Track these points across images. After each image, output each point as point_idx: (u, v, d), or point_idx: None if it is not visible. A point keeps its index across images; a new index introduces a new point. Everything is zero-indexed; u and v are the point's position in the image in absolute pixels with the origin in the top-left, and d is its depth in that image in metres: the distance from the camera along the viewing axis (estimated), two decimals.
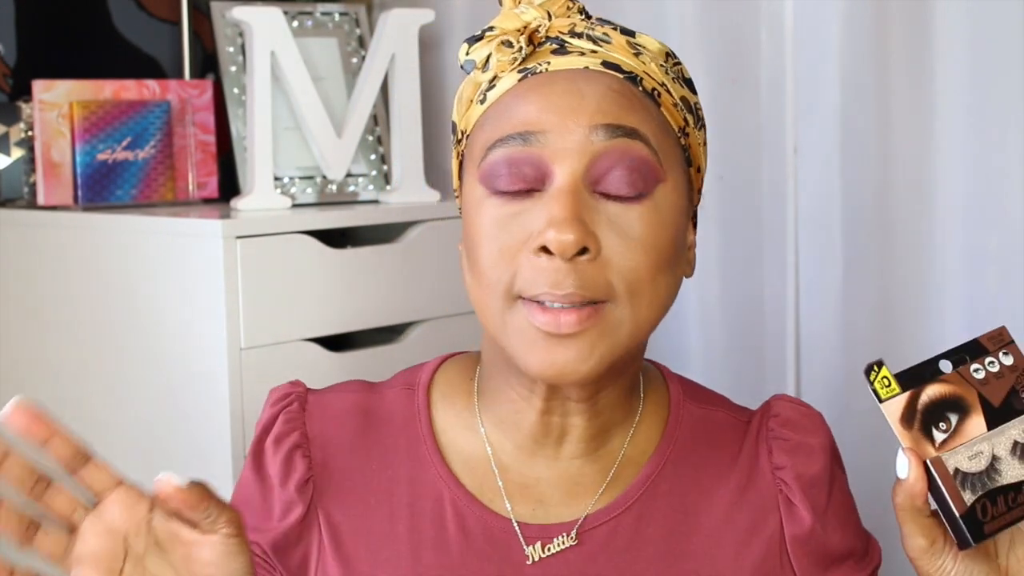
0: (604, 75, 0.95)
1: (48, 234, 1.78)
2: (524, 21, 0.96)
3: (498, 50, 0.95)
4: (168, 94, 1.88)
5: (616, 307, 0.93)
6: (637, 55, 0.97)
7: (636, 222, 0.93)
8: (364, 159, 1.95)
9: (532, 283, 0.91)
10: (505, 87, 0.96)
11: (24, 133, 1.85)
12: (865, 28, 1.78)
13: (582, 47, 0.96)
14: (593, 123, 0.92)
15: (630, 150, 0.92)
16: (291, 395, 1.08)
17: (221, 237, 1.56)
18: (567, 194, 0.91)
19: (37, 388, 1.81)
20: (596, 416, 1.01)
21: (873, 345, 1.84)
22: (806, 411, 1.09)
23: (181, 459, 1.64)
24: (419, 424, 1.05)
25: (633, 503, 1.01)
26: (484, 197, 0.95)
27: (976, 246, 1.74)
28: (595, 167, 0.92)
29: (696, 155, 1.01)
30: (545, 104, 0.93)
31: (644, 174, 0.93)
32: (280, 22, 1.77)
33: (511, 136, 0.93)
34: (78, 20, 2.04)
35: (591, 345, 0.92)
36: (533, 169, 0.92)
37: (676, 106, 0.98)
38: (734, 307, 1.95)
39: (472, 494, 1.02)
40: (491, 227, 0.94)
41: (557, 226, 0.90)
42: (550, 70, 0.95)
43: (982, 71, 1.70)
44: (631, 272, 0.92)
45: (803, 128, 1.86)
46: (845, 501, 1.08)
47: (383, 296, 1.74)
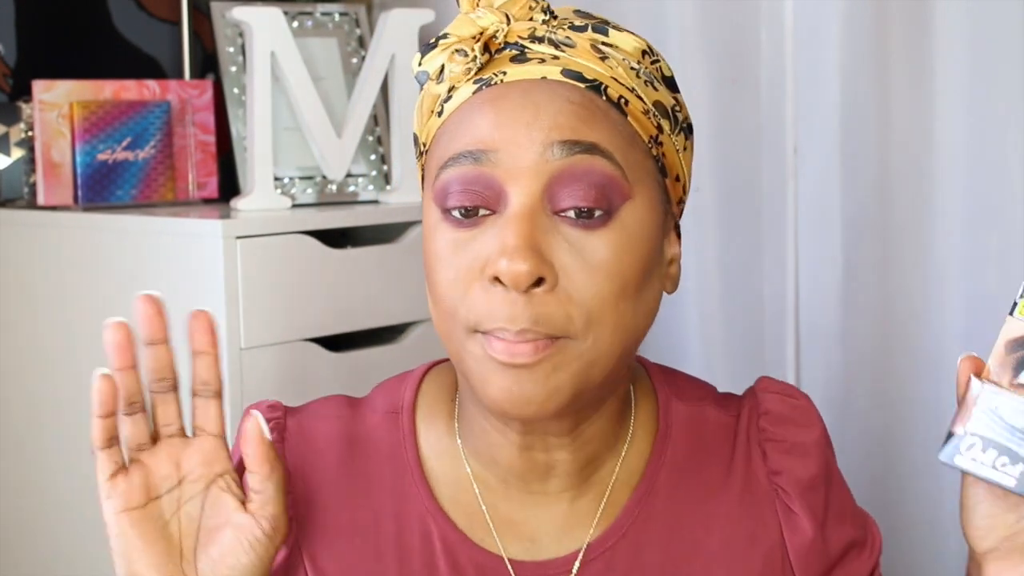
0: (563, 85, 0.87)
1: (48, 234, 1.78)
2: (480, 27, 0.88)
3: (451, 60, 0.88)
4: (168, 94, 1.88)
5: (574, 341, 0.86)
6: (603, 59, 0.89)
7: (600, 247, 0.85)
8: (364, 159, 1.95)
9: (487, 317, 0.85)
10: (461, 99, 0.89)
11: (24, 133, 1.85)
12: (865, 28, 1.78)
13: (542, 53, 0.89)
14: (549, 140, 0.84)
15: (591, 167, 0.85)
16: (270, 422, 0.99)
17: (221, 237, 1.56)
18: (521, 219, 0.84)
19: (37, 387, 1.81)
20: (581, 448, 0.94)
21: (873, 345, 1.84)
22: (795, 403, 1.02)
23: None
24: (404, 453, 0.98)
25: (628, 529, 0.96)
26: (439, 220, 0.88)
27: (976, 246, 1.74)
28: (552, 187, 0.85)
29: (672, 164, 0.92)
30: (498, 120, 0.85)
31: (607, 192, 0.85)
32: (280, 22, 1.77)
33: (462, 154, 0.86)
34: (78, 20, 2.04)
35: (547, 376, 0.85)
36: (486, 190, 0.85)
37: (647, 113, 0.89)
38: (734, 307, 1.95)
39: (461, 531, 0.96)
40: (445, 252, 0.87)
41: (509, 255, 0.83)
42: (506, 81, 0.87)
43: (982, 71, 1.70)
44: (592, 300, 0.85)
45: (803, 128, 1.86)
46: (841, 492, 1.04)
47: (383, 296, 1.74)
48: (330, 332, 1.69)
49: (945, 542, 1.78)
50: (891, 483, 1.81)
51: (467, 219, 0.87)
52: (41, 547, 1.83)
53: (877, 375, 1.84)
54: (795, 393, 1.04)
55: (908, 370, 1.81)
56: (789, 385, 1.05)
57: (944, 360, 1.78)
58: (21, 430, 1.83)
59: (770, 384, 1.05)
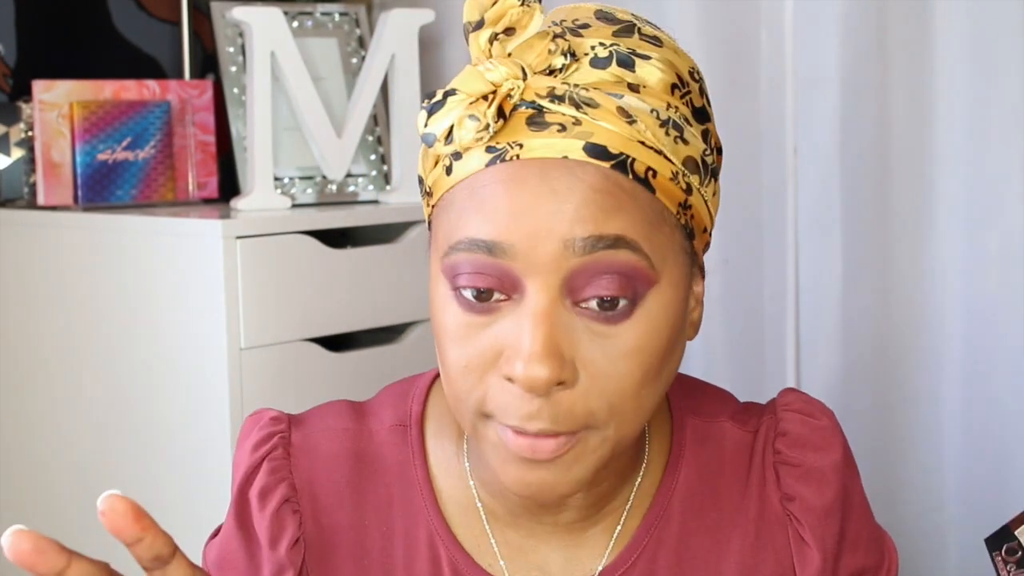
0: (585, 167, 0.79)
1: (48, 234, 1.78)
2: (491, 83, 0.79)
3: (460, 126, 0.79)
4: (168, 94, 1.88)
5: (596, 432, 0.82)
6: (631, 123, 0.80)
7: (625, 339, 0.80)
8: (364, 159, 1.95)
9: (503, 412, 0.80)
10: (471, 168, 0.81)
11: (24, 133, 1.85)
12: (865, 28, 1.78)
13: (563, 118, 0.80)
14: (571, 235, 0.78)
15: (614, 260, 0.79)
16: (274, 436, 0.96)
17: (221, 237, 1.56)
18: (540, 320, 0.78)
19: (36, 388, 1.81)
20: (596, 486, 0.91)
21: (873, 345, 1.84)
22: (817, 423, 0.97)
23: (181, 459, 1.64)
24: (414, 471, 0.95)
25: (638, 558, 0.93)
26: (449, 295, 0.82)
27: (976, 246, 1.74)
28: (573, 281, 0.79)
29: (700, 220, 0.86)
30: (513, 209, 0.78)
31: (632, 285, 0.80)
32: (280, 22, 1.77)
33: (475, 243, 0.79)
34: (78, 20, 2.04)
35: (567, 467, 0.82)
36: (501, 278, 0.79)
37: (676, 177, 0.82)
38: (734, 307, 1.95)
39: (469, 555, 0.93)
40: (457, 333, 0.82)
41: (526, 360, 0.78)
42: (522, 157, 0.79)
43: (982, 71, 1.70)
44: (616, 394, 0.81)
45: (803, 128, 1.86)
46: (859, 518, 0.99)
47: (383, 296, 1.74)
48: (330, 332, 1.69)
49: (945, 542, 1.78)
50: (891, 483, 1.81)
51: (480, 302, 0.81)
52: None
53: (877, 375, 1.83)
54: (817, 413, 0.99)
55: (908, 370, 1.81)
56: (813, 402, 1.00)
57: (944, 360, 1.78)
58: (20, 430, 1.83)
59: (793, 400, 0.99)
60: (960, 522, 1.77)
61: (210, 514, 1.58)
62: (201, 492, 1.62)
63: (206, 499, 1.61)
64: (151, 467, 1.67)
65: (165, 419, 1.65)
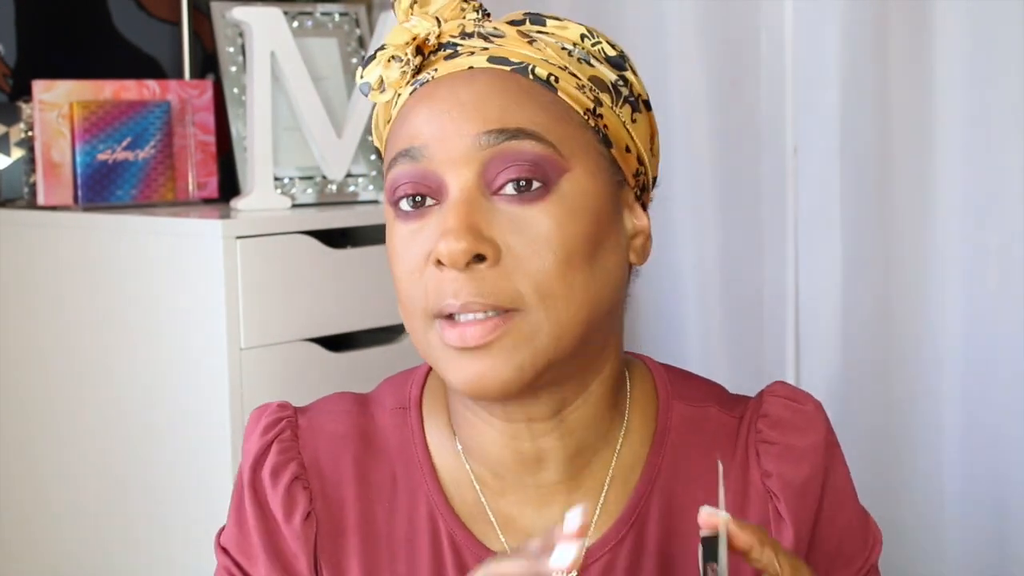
0: (488, 72, 0.91)
1: (48, 234, 1.78)
2: (413, 33, 0.93)
3: (387, 67, 0.92)
4: (168, 94, 1.88)
5: (528, 314, 0.88)
6: (531, 43, 0.93)
7: (541, 220, 0.89)
8: (364, 159, 1.95)
9: (436, 296, 0.89)
10: (402, 102, 0.94)
11: (24, 133, 1.85)
12: (865, 28, 1.78)
13: (472, 46, 0.93)
14: (476, 130, 0.89)
15: (520, 150, 0.89)
16: (281, 421, 1.02)
17: (221, 237, 1.56)
18: (459, 203, 0.89)
19: (36, 388, 1.81)
20: (569, 435, 0.96)
21: (873, 344, 1.84)
22: (799, 407, 1.02)
23: (181, 459, 1.64)
24: (414, 449, 1.01)
25: (627, 531, 0.97)
26: (393, 218, 0.93)
27: (976, 246, 1.74)
28: (487, 171, 0.89)
29: (617, 135, 0.94)
30: (429, 116, 0.90)
31: (542, 169, 0.89)
32: (280, 22, 1.77)
33: (400, 154, 0.91)
34: (78, 20, 2.04)
35: (507, 355, 0.88)
36: (427, 181, 0.90)
37: (582, 87, 0.92)
38: (734, 306, 1.95)
39: (466, 526, 0.98)
40: (400, 247, 0.92)
41: (447, 236, 0.87)
42: (436, 77, 0.92)
43: (982, 71, 1.70)
44: (539, 273, 0.88)
45: (803, 128, 1.86)
46: (840, 500, 1.03)
47: (383, 296, 1.74)
48: (330, 332, 1.69)
49: (945, 542, 1.78)
50: (891, 483, 1.81)
51: (415, 210, 0.91)
52: (38, 546, 1.83)
53: (877, 375, 1.83)
54: (802, 399, 1.03)
55: (908, 370, 1.81)
56: (800, 391, 1.04)
57: (944, 360, 1.78)
58: (20, 430, 1.83)
59: (780, 388, 1.04)
60: (960, 522, 1.77)
61: (210, 513, 1.58)
62: (201, 491, 1.62)
63: (206, 498, 1.61)
64: (151, 467, 1.67)
65: (165, 419, 1.65)
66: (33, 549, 1.84)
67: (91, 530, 1.75)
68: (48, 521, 1.81)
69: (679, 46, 1.93)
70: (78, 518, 1.76)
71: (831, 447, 1.03)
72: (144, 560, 1.68)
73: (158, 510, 1.67)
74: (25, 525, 1.84)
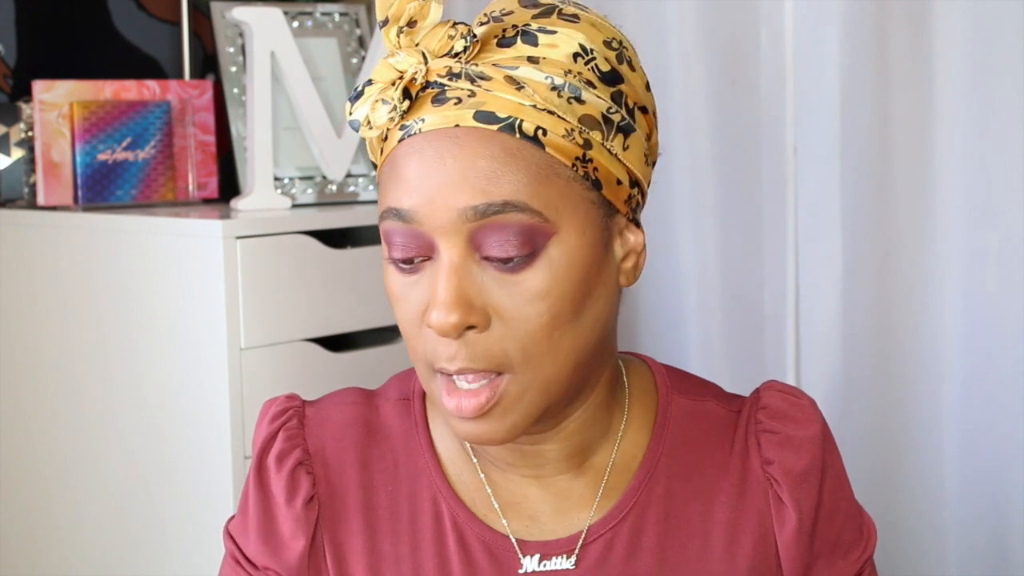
0: (474, 134, 0.90)
1: (48, 234, 1.78)
2: (399, 71, 0.91)
3: (374, 109, 0.92)
4: (168, 94, 1.88)
5: (516, 376, 0.92)
6: (519, 89, 0.91)
7: (527, 287, 0.91)
8: (364, 159, 1.95)
9: (433, 355, 0.93)
10: (390, 146, 0.94)
11: (24, 133, 1.85)
12: (865, 28, 1.78)
13: (459, 92, 0.91)
14: (463, 204, 0.89)
15: (506, 222, 0.89)
16: (289, 410, 1.06)
17: (221, 237, 1.56)
18: (450, 274, 0.90)
19: (36, 388, 1.81)
20: (568, 439, 0.99)
21: (873, 345, 1.84)
22: (796, 400, 1.05)
23: (180, 459, 1.64)
24: (417, 436, 1.04)
25: (627, 513, 1.00)
26: (388, 261, 0.95)
27: (976, 246, 1.74)
28: (475, 239, 0.90)
29: (606, 174, 0.94)
30: (417, 181, 0.91)
31: (526, 240, 0.90)
32: (280, 22, 1.77)
33: (391, 211, 0.92)
34: (78, 20, 2.04)
35: (500, 419, 0.93)
36: (418, 243, 0.92)
37: (571, 134, 0.91)
38: (734, 307, 1.95)
39: (469, 508, 1.01)
40: (398, 293, 0.95)
41: (439, 309, 0.90)
42: (423, 130, 0.91)
43: (982, 71, 1.70)
44: (525, 337, 0.91)
45: (803, 128, 1.86)
46: (837, 492, 1.05)
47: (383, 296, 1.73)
48: (330, 332, 1.69)
49: (945, 542, 1.78)
50: (891, 482, 1.81)
51: (408, 267, 0.93)
52: (38, 546, 1.83)
53: (877, 375, 1.83)
54: (798, 393, 1.07)
55: (908, 370, 1.81)
56: (794, 387, 1.08)
57: (944, 360, 1.78)
58: (20, 430, 1.83)
59: (775, 384, 1.08)
60: (960, 522, 1.77)
61: (210, 513, 1.59)
62: (201, 491, 1.62)
63: (206, 498, 1.61)
64: (151, 467, 1.67)
65: (165, 419, 1.65)
66: (32, 549, 1.84)
67: (90, 530, 1.75)
68: (47, 521, 1.81)
69: (679, 46, 1.93)
70: (78, 518, 1.76)
71: (828, 441, 1.06)
72: (144, 560, 1.68)
73: (158, 510, 1.67)
74: (24, 525, 1.84)
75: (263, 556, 1.02)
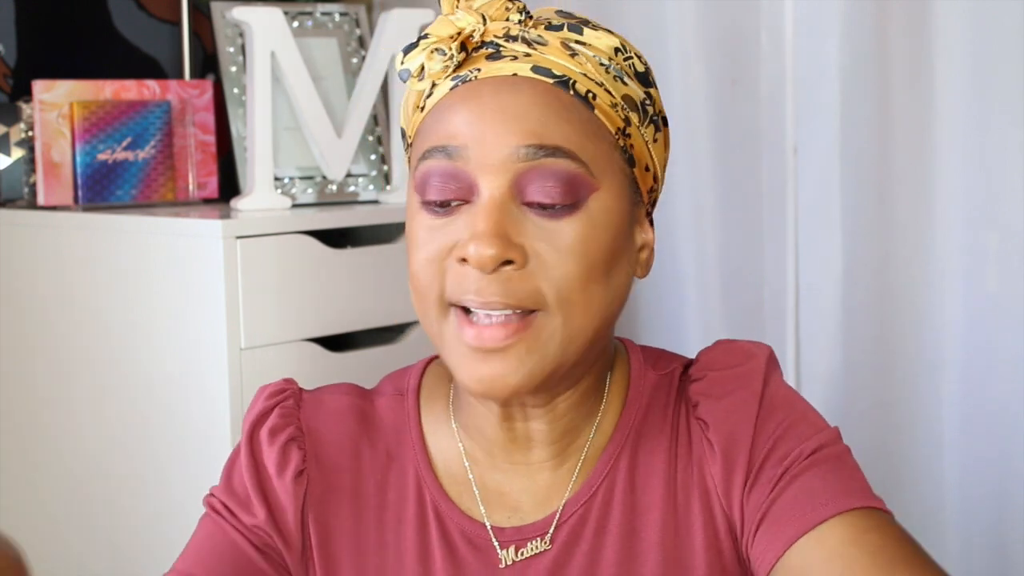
0: (532, 83, 0.93)
1: (48, 234, 1.78)
2: (458, 27, 0.95)
3: (429, 58, 0.94)
4: (168, 94, 1.88)
5: (547, 316, 0.92)
6: (573, 56, 0.95)
7: (566, 233, 0.92)
8: (364, 159, 1.95)
9: (457, 288, 0.93)
10: (440, 95, 0.96)
11: (24, 133, 1.85)
12: (865, 28, 1.78)
13: (515, 51, 0.95)
14: (516, 142, 0.91)
15: (555, 168, 0.91)
16: (286, 391, 1.08)
17: (221, 237, 1.56)
18: (491, 208, 0.91)
19: (36, 388, 1.81)
20: (557, 420, 1.01)
21: (873, 345, 1.84)
22: (730, 346, 1.04)
23: (181, 458, 1.64)
24: (408, 429, 1.06)
25: (598, 488, 1.01)
26: (418, 207, 0.96)
27: (976, 246, 1.74)
28: (520, 182, 0.92)
29: (640, 154, 0.98)
30: (470, 117, 0.92)
31: (572, 189, 0.92)
32: (280, 22, 1.77)
33: (437, 148, 0.93)
34: (78, 20, 2.04)
35: (519, 360, 0.92)
36: (459, 184, 0.92)
37: (615, 106, 0.96)
38: (734, 305, 1.95)
39: (451, 500, 1.03)
40: (422, 236, 0.95)
41: (478, 240, 0.90)
42: (480, 78, 0.94)
43: (982, 71, 1.70)
44: (562, 280, 0.92)
45: (803, 128, 1.86)
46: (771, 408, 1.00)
47: (383, 296, 1.74)
48: (330, 332, 1.69)
49: (945, 537, 1.78)
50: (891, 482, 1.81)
51: (442, 209, 0.94)
52: (40, 546, 1.83)
53: (877, 375, 1.84)
54: (739, 342, 1.05)
55: (908, 370, 1.81)
56: (745, 341, 1.06)
57: (944, 358, 1.78)
58: (19, 429, 1.83)
59: (721, 340, 1.08)
60: (960, 522, 1.77)
61: None
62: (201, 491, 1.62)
63: None
64: (151, 467, 1.67)
65: (165, 419, 1.65)
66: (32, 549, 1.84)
67: (90, 530, 1.75)
68: (47, 520, 1.81)
69: (679, 46, 1.93)
70: (77, 518, 1.76)
71: (762, 374, 1.02)
72: (144, 560, 1.68)
73: (158, 510, 1.67)
74: (24, 524, 1.84)
75: (254, 517, 1.03)
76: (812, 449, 0.98)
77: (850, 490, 0.95)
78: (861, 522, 0.92)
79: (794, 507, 0.94)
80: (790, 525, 0.94)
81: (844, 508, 0.93)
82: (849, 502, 0.94)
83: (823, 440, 0.99)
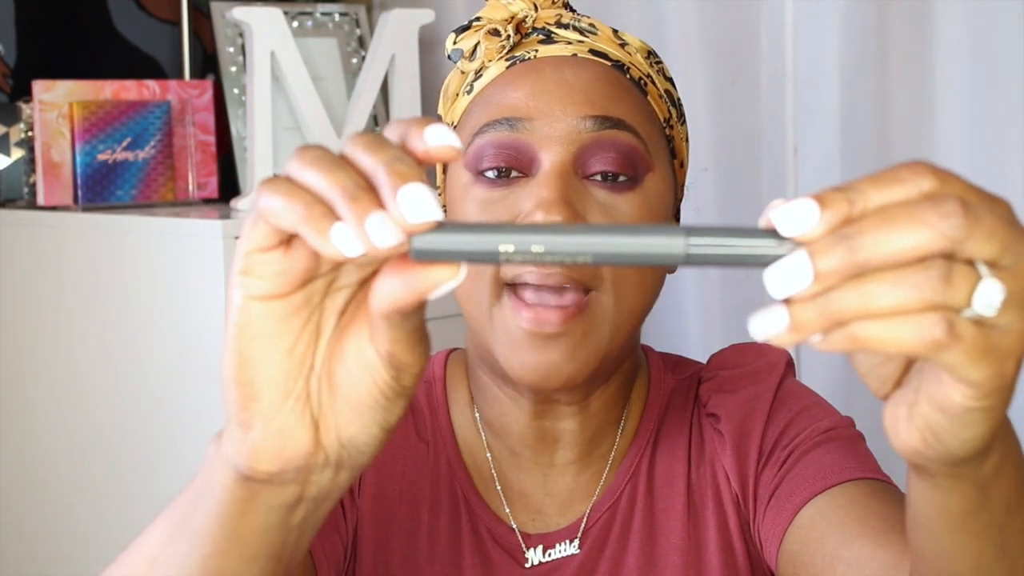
0: (591, 63, 0.95)
1: (48, 234, 1.78)
2: (511, 12, 0.96)
3: (486, 39, 0.95)
4: (168, 94, 1.88)
5: (601, 296, 0.91)
6: (622, 46, 0.97)
7: (626, 209, 0.91)
8: None
9: (519, 267, 0.89)
10: (492, 75, 0.96)
11: (24, 133, 1.85)
12: (865, 28, 1.78)
13: (569, 37, 0.96)
14: (581, 113, 0.91)
15: (618, 140, 0.92)
16: None
17: (221, 237, 1.56)
18: (556, 177, 0.90)
19: (37, 387, 1.81)
20: (589, 419, 0.99)
21: None
22: (741, 347, 1.05)
23: (180, 458, 1.64)
24: (439, 419, 1.04)
25: (621, 493, 1.01)
26: (470, 183, 0.93)
27: None
28: (582, 155, 0.91)
29: (680, 148, 1.00)
30: (533, 91, 0.92)
31: (633, 162, 0.92)
32: (280, 22, 1.77)
33: (498, 121, 0.92)
34: (78, 20, 2.04)
35: (574, 348, 0.90)
36: (520, 154, 0.91)
37: (661, 97, 0.97)
38: (734, 308, 1.95)
39: (481, 496, 1.02)
40: (476, 210, 0.92)
41: (546, 207, 0.88)
42: (538, 57, 0.95)
43: (982, 71, 1.70)
44: None
45: (803, 128, 1.86)
46: (784, 402, 1.00)
47: None
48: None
49: None
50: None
51: (500, 179, 0.92)
52: (39, 546, 1.83)
53: None
54: (751, 343, 1.04)
55: None
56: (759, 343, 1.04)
57: None
58: (20, 429, 1.83)
59: (737, 343, 1.07)
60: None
61: None
62: None
63: None
64: (151, 467, 1.67)
65: (165, 419, 1.65)
66: (32, 548, 1.84)
67: (90, 530, 1.75)
68: (47, 520, 1.81)
69: (679, 46, 1.93)
70: (78, 517, 1.76)
71: (773, 372, 1.02)
72: None
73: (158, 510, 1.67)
74: (24, 524, 1.84)
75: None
76: (825, 428, 0.98)
77: (864, 467, 0.94)
78: (874, 489, 0.92)
79: (804, 477, 0.94)
80: (799, 493, 0.93)
81: (855, 476, 0.92)
82: (862, 473, 0.93)
83: (836, 422, 1.00)
